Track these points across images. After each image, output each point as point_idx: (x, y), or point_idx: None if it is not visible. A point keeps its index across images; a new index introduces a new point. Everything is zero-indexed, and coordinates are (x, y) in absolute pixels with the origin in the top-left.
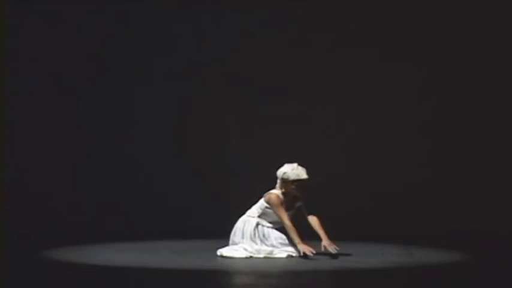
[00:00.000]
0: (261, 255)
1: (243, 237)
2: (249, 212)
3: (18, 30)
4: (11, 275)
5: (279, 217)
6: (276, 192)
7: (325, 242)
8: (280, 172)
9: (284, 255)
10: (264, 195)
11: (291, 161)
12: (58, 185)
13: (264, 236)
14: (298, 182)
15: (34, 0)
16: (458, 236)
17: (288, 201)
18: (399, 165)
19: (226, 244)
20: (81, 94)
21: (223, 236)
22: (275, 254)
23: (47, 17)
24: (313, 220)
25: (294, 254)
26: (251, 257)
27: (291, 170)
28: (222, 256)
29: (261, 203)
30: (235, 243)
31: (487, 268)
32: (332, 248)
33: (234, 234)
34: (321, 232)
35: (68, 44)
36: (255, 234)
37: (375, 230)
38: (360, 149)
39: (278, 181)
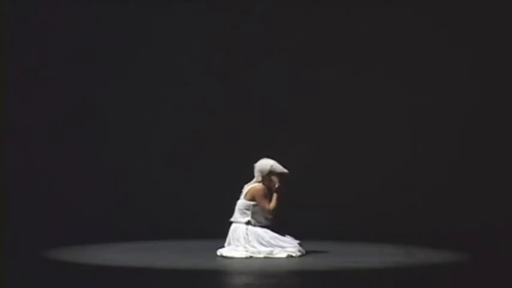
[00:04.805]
0: (261, 255)
1: (238, 246)
2: (233, 218)
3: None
4: (11, 275)
5: (262, 207)
6: (259, 184)
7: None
8: (266, 165)
9: (284, 255)
10: (243, 194)
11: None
12: (58, 185)
13: (258, 235)
14: (283, 175)
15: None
16: (458, 236)
17: (268, 195)
18: (399, 165)
19: None
20: (89, 93)
21: (223, 236)
22: (275, 254)
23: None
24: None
25: (294, 254)
26: (251, 257)
27: (276, 163)
28: (222, 256)
29: (245, 204)
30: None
31: (487, 268)
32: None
33: (229, 243)
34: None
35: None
36: (248, 237)
37: (374, 230)
38: (358, 148)
39: (259, 175)
